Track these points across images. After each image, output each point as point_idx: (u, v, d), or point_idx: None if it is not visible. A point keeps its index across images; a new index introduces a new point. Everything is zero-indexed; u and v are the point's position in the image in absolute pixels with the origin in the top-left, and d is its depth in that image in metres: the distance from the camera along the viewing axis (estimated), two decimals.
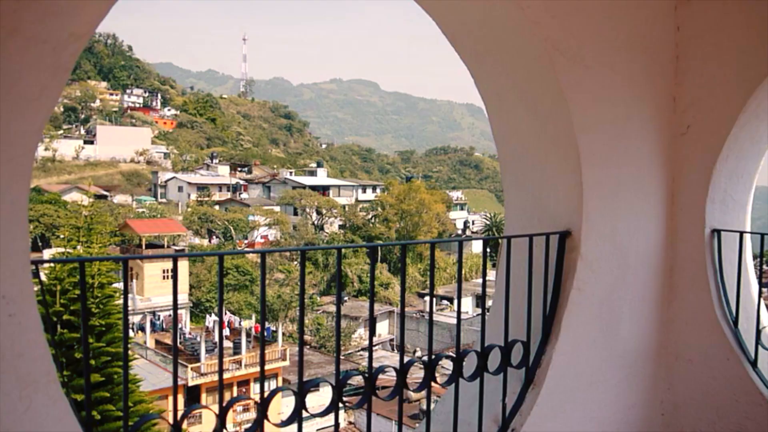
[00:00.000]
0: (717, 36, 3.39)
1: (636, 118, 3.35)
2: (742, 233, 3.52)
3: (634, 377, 3.49)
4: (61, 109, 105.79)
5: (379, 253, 59.15)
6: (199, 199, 73.66)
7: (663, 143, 3.49)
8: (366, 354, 2.47)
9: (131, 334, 37.38)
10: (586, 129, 2.98)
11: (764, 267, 3.75)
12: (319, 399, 3.83)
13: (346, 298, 54.32)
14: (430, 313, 2.58)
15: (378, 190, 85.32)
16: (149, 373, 28.62)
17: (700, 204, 3.47)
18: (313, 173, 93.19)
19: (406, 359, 2.46)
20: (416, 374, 2.75)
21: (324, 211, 70.61)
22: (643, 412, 3.54)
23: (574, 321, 3.05)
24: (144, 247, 47.85)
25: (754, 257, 3.75)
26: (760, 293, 3.63)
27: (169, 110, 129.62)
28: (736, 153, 3.46)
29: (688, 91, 3.49)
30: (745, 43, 3.29)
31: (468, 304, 53.38)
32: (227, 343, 37.92)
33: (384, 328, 52.79)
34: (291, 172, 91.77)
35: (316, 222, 69.95)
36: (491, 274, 4.37)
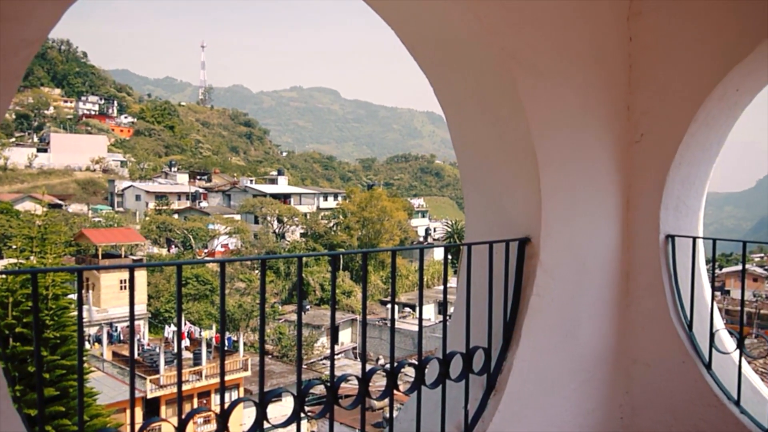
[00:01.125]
0: (668, 47, 3.48)
1: (592, 126, 3.42)
2: (695, 238, 3.60)
3: (593, 381, 3.54)
4: (13, 117, 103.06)
5: (341, 261, 58.99)
6: (157, 207, 72.49)
7: (618, 151, 3.57)
8: (329, 363, 2.43)
9: (87, 346, 36.52)
10: (544, 137, 3.03)
11: (717, 271, 3.85)
12: (281, 409, 3.81)
13: (308, 307, 53.99)
14: (392, 320, 2.58)
15: (339, 198, 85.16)
16: (106, 386, 27.98)
17: (655, 210, 3.55)
18: (273, 181, 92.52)
19: (368, 367, 2.45)
20: (379, 382, 2.74)
21: (285, 220, 70.13)
22: (603, 415, 3.59)
23: (534, 327, 3.08)
24: (100, 257, 46.82)
25: (707, 261, 3.85)
26: (713, 297, 3.72)
27: (125, 118, 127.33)
28: (688, 160, 3.56)
29: (641, 100, 3.58)
30: (695, 54, 3.39)
31: (430, 311, 53.59)
32: (187, 354, 37.27)
33: (347, 337, 52.61)
34: (251, 180, 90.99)
35: (277, 230, 69.42)
36: (453, 281, 4.40)
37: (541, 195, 3.03)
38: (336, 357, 45.56)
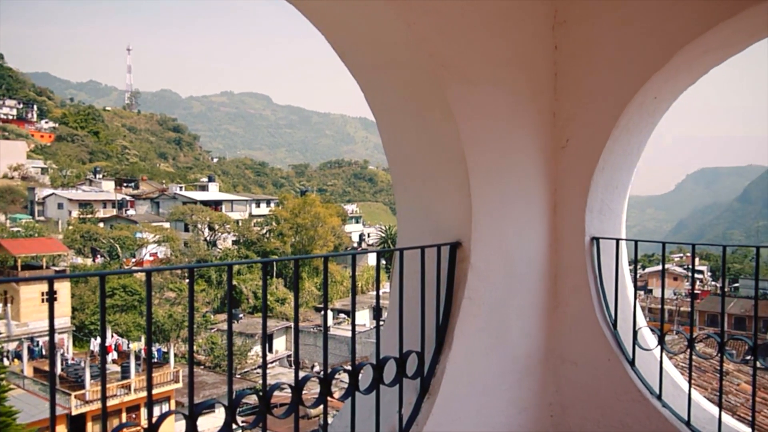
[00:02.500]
0: (591, 55, 3.60)
1: (520, 132, 3.50)
2: (618, 240, 3.73)
3: (524, 381, 3.61)
4: None
5: (274, 268, 58.31)
6: (81, 216, 69.71)
7: (545, 156, 3.66)
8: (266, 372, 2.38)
9: (6, 362, 34.72)
10: (473, 143, 3.08)
11: (640, 271, 3.99)
12: (214, 420, 3.72)
13: (240, 315, 53.11)
14: (324, 327, 2.56)
15: (272, 205, 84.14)
16: (27, 404, 26.70)
17: (580, 213, 3.67)
18: (204, 188, 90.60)
19: (302, 375, 2.42)
20: (315, 389, 2.72)
21: (216, 227, 68.78)
22: (534, 414, 3.67)
23: (466, 329, 3.12)
24: (20, 268, 44.65)
25: (630, 262, 4.00)
26: (636, 296, 3.86)
27: (46, 123, 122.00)
28: (611, 165, 3.69)
29: (567, 107, 3.69)
30: (617, 62, 3.51)
31: (365, 317, 53.58)
32: (115, 368, 36.00)
33: (281, 345, 52.00)
34: (181, 187, 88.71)
35: (208, 238, 67.99)
36: (388, 287, 4.41)
37: (471, 200, 3.07)
38: (270, 365, 45.02)
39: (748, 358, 3.36)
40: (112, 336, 40.99)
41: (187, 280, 2.04)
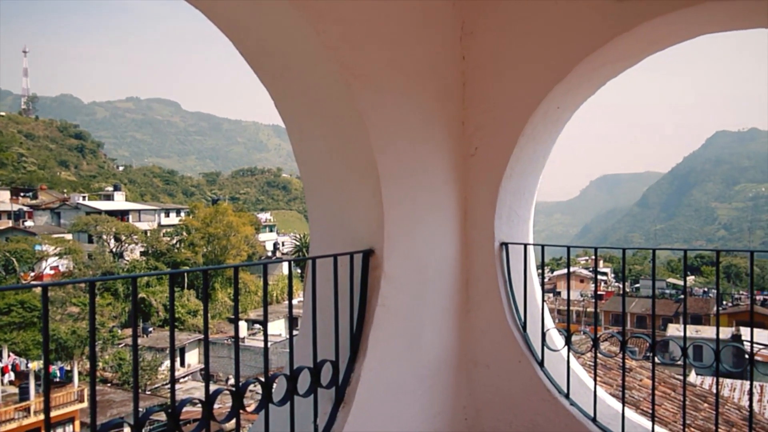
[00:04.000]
0: (497, 66, 3.71)
1: (430, 141, 3.55)
2: (526, 245, 3.85)
3: (438, 386, 3.65)
4: None
5: (185, 279, 56.61)
6: None
7: (455, 164, 3.74)
8: (175, 387, 2.29)
9: None
10: (384, 151, 3.10)
11: (549, 274, 4.13)
12: None
13: (150, 329, 51.20)
14: (236, 338, 2.49)
15: (183, 214, 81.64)
16: None
17: (489, 219, 3.76)
18: (109, 197, 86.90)
19: (214, 388, 2.35)
20: (228, 403, 2.64)
21: (123, 238, 66.09)
22: (448, 418, 3.72)
23: (380, 337, 3.13)
24: None
25: (538, 266, 4.12)
26: (544, 299, 3.99)
27: None
28: (518, 172, 3.81)
29: (475, 116, 3.78)
30: (521, 73, 3.63)
31: (281, 327, 52.86)
32: (12, 389, 33.88)
33: (193, 358, 50.43)
34: (84, 197, 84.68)
35: (114, 249, 65.24)
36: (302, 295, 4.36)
37: (383, 207, 3.09)
38: (182, 380, 43.58)
39: (650, 354, 3.53)
40: (9, 355, 38.59)
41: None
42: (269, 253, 78.59)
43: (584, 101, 3.87)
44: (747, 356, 3.20)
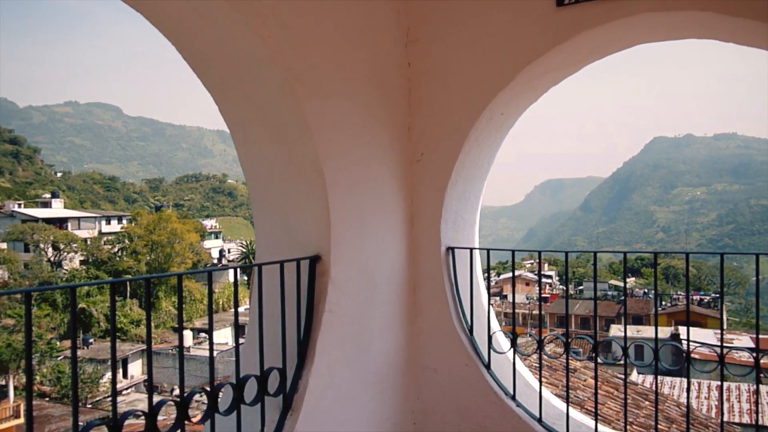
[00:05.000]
0: (442, 72, 3.76)
1: (377, 146, 3.56)
2: (471, 249, 3.90)
3: (387, 391, 3.66)
4: None
5: (128, 288, 55.18)
6: None
7: (401, 169, 3.77)
8: (118, 399, 2.22)
9: None
10: (331, 156, 3.10)
11: (496, 278, 4.19)
12: None
13: (91, 341, 49.66)
14: (180, 347, 2.45)
15: (124, 221, 79.56)
16: None
17: (436, 224, 3.80)
18: (47, 204, 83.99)
19: (158, 399, 2.30)
20: (174, 414, 2.59)
21: (62, 246, 63.97)
22: (397, 423, 3.73)
23: (328, 343, 3.12)
24: None
25: (484, 270, 4.18)
26: (490, 302, 4.05)
27: None
28: (463, 177, 3.86)
29: (420, 122, 3.82)
30: (466, 80, 3.69)
31: (227, 335, 52.02)
32: None
33: (137, 369, 49.11)
34: (20, 204, 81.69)
35: (52, 258, 63.07)
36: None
37: (330, 213, 3.09)
38: (125, 392, 42.42)
39: (593, 355, 3.63)
40: None
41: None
42: (215, 261, 77.36)
43: (527, 108, 3.95)
44: (684, 354, 3.33)
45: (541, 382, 3.63)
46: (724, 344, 3.20)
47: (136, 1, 2.70)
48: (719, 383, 3.27)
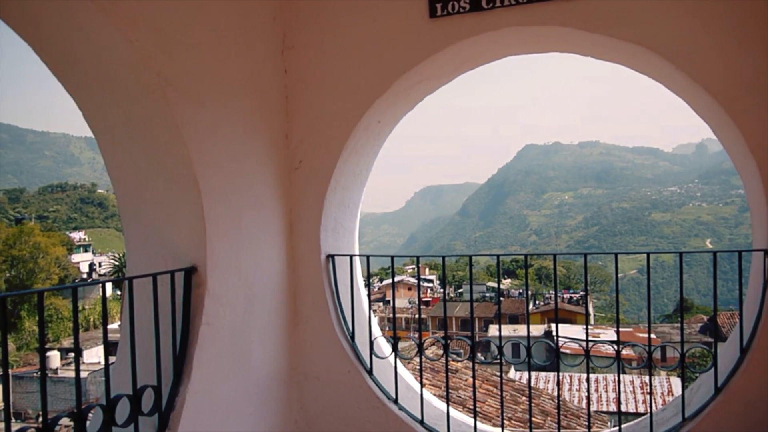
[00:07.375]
0: (320, 80, 3.76)
1: (253, 154, 3.50)
2: (351, 256, 3.93)
3: (269, 402, 3.60)
4: None
5: None
6: None
7: (279, 177, 3.72)
8: None
9: None
10: (205, 164, 3.00)
11: (378, 283, 4.23)
12: None
13: None
14: (42, 370, 2.28)
15: None
16: None
17: (315, 232, 3.79)
18: None
19: (18, 427, 2.13)
20: None
21: None
22: None
23: (206, 357, 3.02)
24: None
25: (365, 277, 4.21)
26: (371, 308, 4.09)
27: None
28: (342, 185, 3.87)
29: (298, 129, 3.80)
30: (344, 88, 3.72)
31: (100, 354, 49.13)
32: None
33: None
34: None
35: None
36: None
37: (205, 223, 2.99)
38: None
39: (472, 355, 3.77)
40: None
41: None
42: (84, 275, 72.93)
43: (404, 116, 4.04)
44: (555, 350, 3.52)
45: (422, 384, 3.71)
46: (590, 338, 3.42)
47: None
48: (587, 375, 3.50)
